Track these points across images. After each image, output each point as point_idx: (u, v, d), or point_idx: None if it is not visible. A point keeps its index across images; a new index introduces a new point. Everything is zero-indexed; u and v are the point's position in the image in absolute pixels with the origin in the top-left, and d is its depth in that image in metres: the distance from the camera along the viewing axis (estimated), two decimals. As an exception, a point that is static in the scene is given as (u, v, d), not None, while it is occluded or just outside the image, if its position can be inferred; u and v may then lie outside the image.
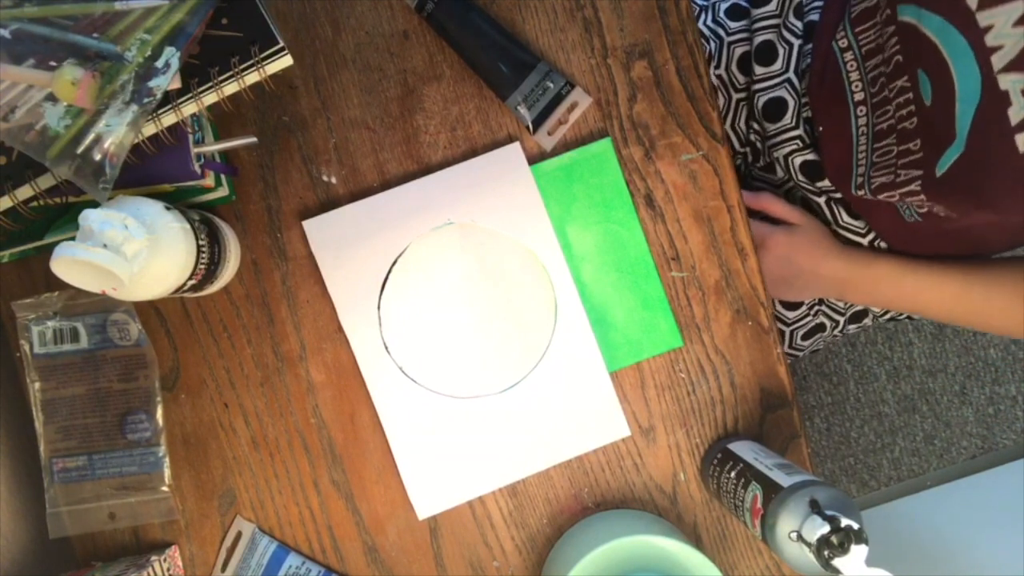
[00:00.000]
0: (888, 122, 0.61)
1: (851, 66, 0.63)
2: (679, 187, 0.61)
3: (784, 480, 0.51)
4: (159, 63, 0.49)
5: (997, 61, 0.49)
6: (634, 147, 0.61)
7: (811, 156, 0.71)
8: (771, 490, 0.51)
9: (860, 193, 0.69)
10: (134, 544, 0.62)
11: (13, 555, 0.60)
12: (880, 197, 0.65)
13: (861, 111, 0.64)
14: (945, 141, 0.55)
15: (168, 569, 0.59)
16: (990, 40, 0.49)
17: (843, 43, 0.63)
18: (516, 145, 0.60)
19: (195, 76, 0.51)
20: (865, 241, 0.74)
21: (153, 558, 0.58)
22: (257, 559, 0.61)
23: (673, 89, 0.61)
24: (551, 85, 0.60)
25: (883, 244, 0.73)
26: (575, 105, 0.60)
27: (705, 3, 0.78)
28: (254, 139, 0.57)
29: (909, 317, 0.84)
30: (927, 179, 0.58)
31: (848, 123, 0.65)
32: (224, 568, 0.61)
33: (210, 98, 0.52)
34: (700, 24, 0.78)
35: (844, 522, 0.45)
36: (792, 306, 0.79)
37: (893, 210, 0.66)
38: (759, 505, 0.51)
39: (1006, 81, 0.49)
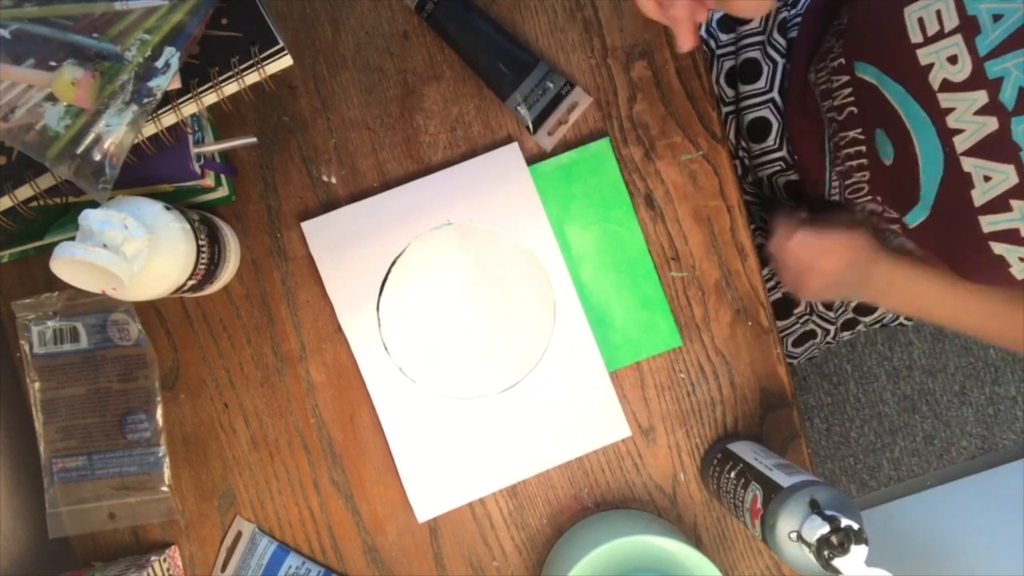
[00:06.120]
0: (847, 164, 0.60)
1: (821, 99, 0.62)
2: (679, 187, 0.61)
3: (784, 480, 0.51)
4: (159, 63, 0.49)
5: (959, 143, 0.48)
6: (634, 147, 0.61)
7: (794, 177, 0.71)
8: (771, 490, 0.51)
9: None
10: (134, 544, 0.61)
11: (13, 555, 0.60)
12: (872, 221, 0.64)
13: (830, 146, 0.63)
14: (910, 202, 0.54)
15: (168, 569, 0.59)
16: (951, 122, 0.48)
17: (811, 76, 0.63)
18: (514, 145, 0.60)
19: (195, 76, 0.51)
20: None
21: (153, 558, 0.58)
22: (257, 559, 0.61)
23: (673, 89, 0.61)
24: (551, 85, 0.60)
25: None
26: (575, 105, 0.60)
27: None
28: (254, 139, 0.57)
29: (902, 324, 0.82)
30: (902, 227, 0.58)
31: (823, 155, 0.65)
32: (224, 568, 0.61)
33: (210, 98, 0.52)
34: None
35: (844, 522, 0.45)
36: (781, 315, 0.79)
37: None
38: (759, 505, 0.51)
39: (968, 164, 0.48)
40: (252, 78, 0.52)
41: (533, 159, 0.61)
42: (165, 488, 0.60)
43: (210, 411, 0.61)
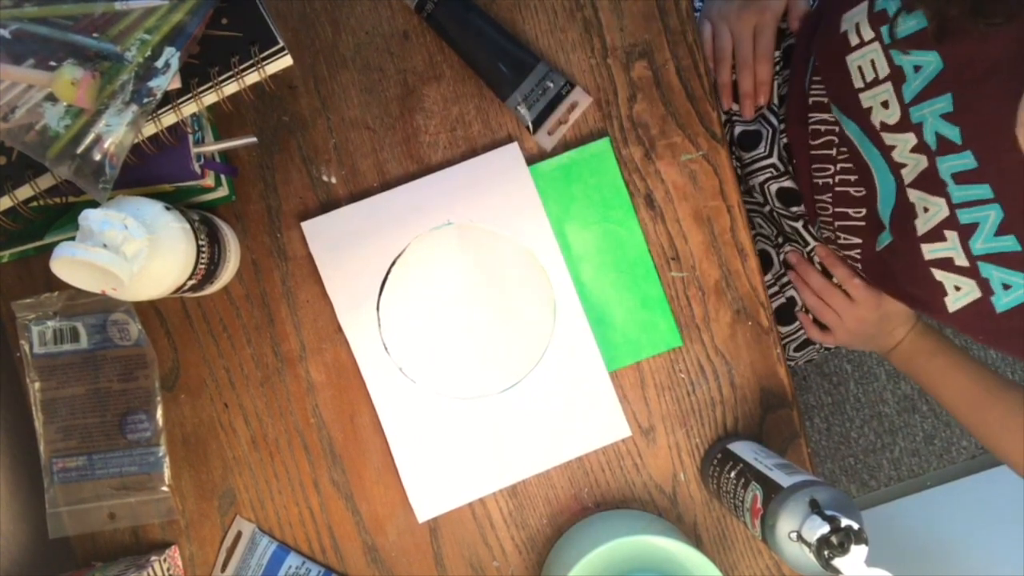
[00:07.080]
0: (825, 179, 0.62)
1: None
2: (679, 187, 0.61)
3: (784, 480, 0.51)
4: (159, 63, 0.49)
5: (905, 176, 0.52)
6: (634, 147, 0.61)
7: (787, 183, 0.72)
8: (771, 490, 0.51)
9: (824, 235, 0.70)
10: (134, 544, 0.61)
11: (13, 555, 0.60)
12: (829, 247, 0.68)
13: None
14: (880, 226, 0.58)
15: (168, 569, 0.59)
16: (897, 156, 0.52)
17: (807, 86, 0.64)
18: (514, 145, 0.60)
19: (195, 76, 0.51)
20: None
21: (153, 558, 0.58)
22: (257, 559, 0.61)
23: (673, 89, 0.61)
24: (551, 85, 0.60)
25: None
26: (575, 105, 0.60)
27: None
28: (254, 139, 0.57)
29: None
30: (867, 250, 0.60)
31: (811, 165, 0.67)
32: (224, 568, 0.61)
33: (210, 98, 0.52)
34: None
35: (844, 522, 0.45)
36: (785, 321, 0.79)
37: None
38: (759, 505, 0.51)
39: (913, 195, 0.52)
40: (252, 78, 0.52)
41: (533, 159, 0.61)
42: (165, 488, 0.60)
43: (210, 411, 0.61)
